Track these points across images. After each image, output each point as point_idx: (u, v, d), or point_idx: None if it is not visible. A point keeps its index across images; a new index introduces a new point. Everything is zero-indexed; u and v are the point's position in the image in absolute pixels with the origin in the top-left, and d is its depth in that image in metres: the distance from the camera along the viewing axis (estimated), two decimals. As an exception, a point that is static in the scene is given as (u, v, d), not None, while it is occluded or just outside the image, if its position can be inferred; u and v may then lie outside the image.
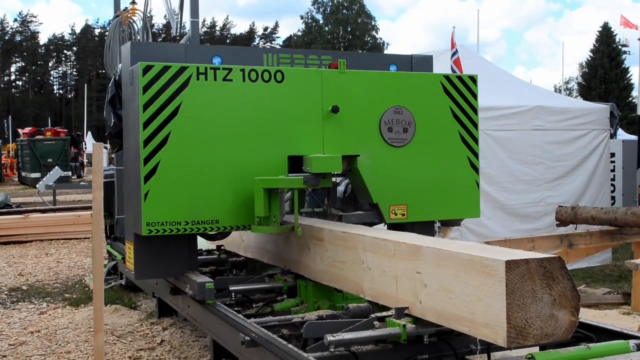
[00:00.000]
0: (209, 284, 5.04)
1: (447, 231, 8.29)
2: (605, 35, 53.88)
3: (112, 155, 12.39)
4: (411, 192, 5.51)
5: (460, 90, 5.68)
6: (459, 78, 5.70)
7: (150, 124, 4.87)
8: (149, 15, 8.27)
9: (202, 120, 4.99)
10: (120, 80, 5.65)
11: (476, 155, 5.75)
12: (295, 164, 5.22)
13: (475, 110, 5.75)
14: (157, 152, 4.88)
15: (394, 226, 5.45)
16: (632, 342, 3.69)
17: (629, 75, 54.00)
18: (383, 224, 5.60)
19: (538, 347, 3.70)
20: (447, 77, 5.67)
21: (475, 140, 5.75)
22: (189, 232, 5.02)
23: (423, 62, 6.27)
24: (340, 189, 5.99)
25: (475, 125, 5.76)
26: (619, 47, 52.54)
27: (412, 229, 5.23)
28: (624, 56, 53.23)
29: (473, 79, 5.74)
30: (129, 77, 5.22)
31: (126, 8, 8.34)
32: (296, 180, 4.89)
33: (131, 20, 8.22)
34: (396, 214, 5.46)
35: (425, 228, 5.63)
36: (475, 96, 5.75)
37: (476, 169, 5.74)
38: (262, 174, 5.01)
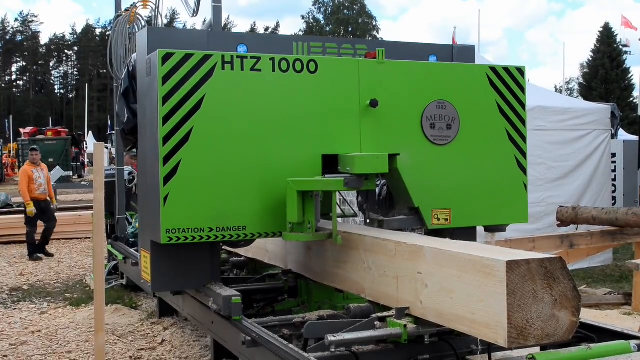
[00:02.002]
0: (235, 298, 4.59)
1: (493, 236, 7.89)
2: (606, 36, 53.84)
3: (113, 155, 12.40)
4: (455, 194, 5.05)
5: (507, 83, 5.25)
6: (506, 69, 5.25)
7: (171, 119, 4.41)
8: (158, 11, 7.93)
9: (228, 115, 4.54)
10: (135, 71, 5.14)
11: (524, 154, 5.33)
12: (328, 164, 4.79)
13: (523, 105, 5.32)
14: (178, 151, 4.42)
15: (433, 232, 4.98)
16: (633, 343, 3.69)
17: (630, 75, 53.99)
18: (423, 230, 5.13)
19: (539, 348, 3.70)
20: (493, 68, 5.24)
21: (524, 139, 5.33)
22: (212, 240, 4.55)
23: (465, 53, 5.79)
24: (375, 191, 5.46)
25: (524, 122, 5.33)
26: (620, 47, 52.53)
27: (451, 235, 4.88)
28: (625, 56, 53.22)
29: (521, 70, 5.31)
30: (146, 66, 4.73)
31: (134, 4, 8.06)
32: (336, 182, 4.44)
33: (138, 16, 8.02)
34: (439, 219, 5.00)
35: (466, 234, 5.21)
36: (523, 90, 5.32)
37: (524, 170, 5.32)
38: (293, 174, 4.58)
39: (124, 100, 5.29)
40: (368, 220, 5.20)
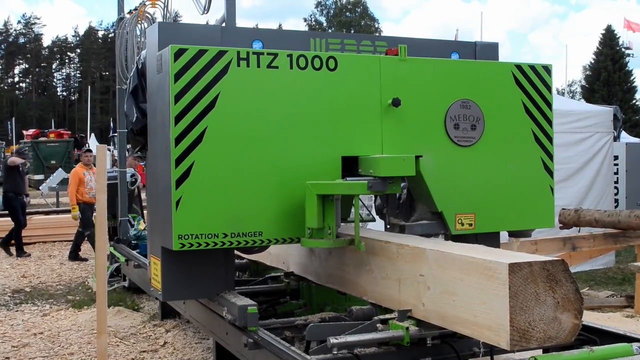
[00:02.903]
0: (251, 308, 4.36)
1: (516, 243, 7.62)
2: (609, 38, 53.83)
3: (116, 157, 12.41)
4: (479, 198, 4.85)
5: (533, 82, 5.04)
6: (532, 67, 5.05)
7: (183, 119, 4.21)
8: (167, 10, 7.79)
9: (243, 114, 4.33)
10: (144, 69, 4.91)
11: (551, 156, 5.11)
12: (346, 166, 4.58)
13: (549, 105, 5.10)
14: (191, 152, 4.21)
15: (457, 238, 4.75)
16: (635, 345, 3.69)
17: (632, 77, 53.97)
18: (445, 235, 4.90)
19: (541, 350, 3.70)
20: (518, 66, 5.03)
21: (550, 140, 5.11)
22: (227, 246, 4.33)
23: (488, 50, 5.58)
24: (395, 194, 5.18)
25: (550, 123, 5.11)
26: (622, 49, 52.55)
27: (475, 240, 4.77)
28: (627, 59, 53.24)
29: (547, 69, 5.11)
30: (157, 63, 4.51)
31: (143, 2, 7.96)
32: (359, 186, 4.22)
33: (147, 15, 7.95)
34: (463, 224, 4.79)
35: (490, 240, 4.99)
36: (549, 89, 5.10)
37: (551, 173, 5.11)
38: (311, 177, 4.38)
39: (133, 99, 5.05)
40: (388, 226, 4.99)
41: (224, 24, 5.07)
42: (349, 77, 4.58)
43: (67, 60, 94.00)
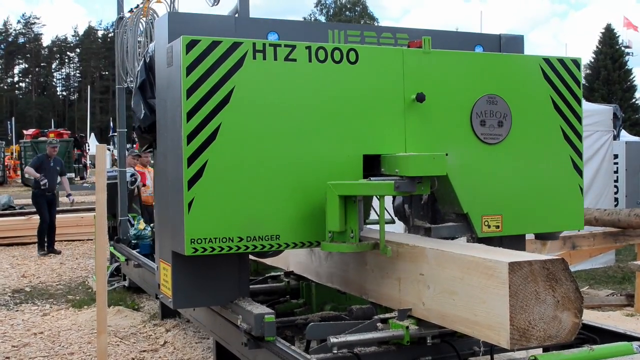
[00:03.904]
0: (268, 316, 4.10)
1: (544, 246, 7.39)
2: (608, 37, 53.80)
3: (115, 157, 12.41)
4: (506, 199, 4.62)
5: (562, 76, 4.81)
6: (561, 61, 4.82)
7: (196, 115, 3.95)
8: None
9: (260, 110, 4.08)
10: (152, 62, 4.66)
11: (580, 155, 4.88)
12: (367, 165, 4.36)
13: (579, 101, 4.88)
14: (204, 150, 3.96)
15: (483, 240, 4.54)
16: (635, 344, 3.69)
17: (632, 76, 53.94)
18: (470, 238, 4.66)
19: (541, 349, 3.70)
20: (547, 59, 4.79)
21: (580, 137, 4.87)
22: (242, 250, 4.09)
23: (513, 43, 5.32)
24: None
25: (580, 119, 4.88)
26: (622, 48, 52.53)
27: (499, 243, 4.57)
28: (627, 58, 53.21)
29: (576, 62, 4.88)
30: (167, 56, 4.26)
31: None
32: (385, 186, 3.96)
33: (152, 11, 7.89)
34: (489, 226, 4.56)
35: (516, 242, 4.83)
36: (578, 84, 4.89)
37: (580, 172, 4.88)
38: (332, 177, 4.15)
39: (140, 95, 4.79)
40: (412, 228, 4.73)
41: (236, 15, 4.78)
42: (370, 70, 4.34)
43: (66, 60, 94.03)
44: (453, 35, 5.21)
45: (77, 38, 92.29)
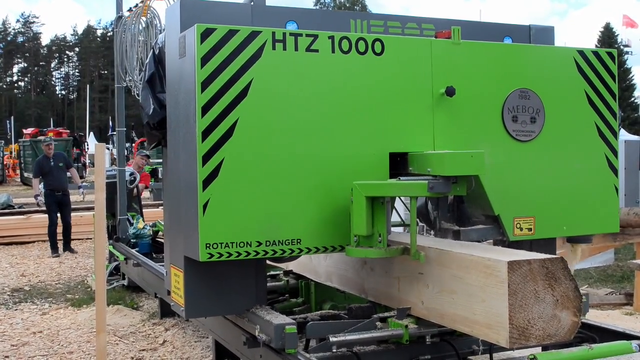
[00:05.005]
0: (289, 327, 3.80)
1: (577, 249, 7.05)
2: (607, 36, 53.88)
3: (115, 156, 12.39)
4: (539, 200, 4.37)
5: (597, 70, 4.57)
6: (596, 54, 4.58)
7: (211, 109, 3.68)
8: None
9: (279, 104, 3.82)
10: (162, 54, 4.40)
11: (615, 153, 4.63)
12: (392, 164, 4.10)
13: (614, 96, 4.64)
14: (221, 147, 3.69)
15: (513, 244, 4.27)
16: (634, 343, 3.68)
17: (631, 75, 54.08)
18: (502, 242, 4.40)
19: (540, 348, 3.70)
20: (581, 52, 4.55)
21: (615, 135, 4.62)
22: (261, 256, 3.82)
23: (543, 34, 5.04)
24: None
25: (615, 115, 4.64)
26: (621, 47, 52.54)
27: (529, 247, 4.34)
28: (626, 56, 53.23)
29: (612, 55, 4.64)
30: (179, 46, 3.96)
31: None
32: (417, 186, 3.65)
33: (152, 9, 7.83)
34: (521, 229, 4.32)
35: (546, 246, 4.57)
36: (614, 77, 4.64)
37: (615, 171, 4.63)
38: (356, 177, 3.88)
39: (149, 89, 4.51)
40: (439, 231, 4.44)
41: (252, 3, 4.47)
42: (397, 62, 4.08)
43: (65, 59, 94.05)
44: (480, 25, 4.92)
45: (76, 37, 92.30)
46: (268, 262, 5.89)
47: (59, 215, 12.58)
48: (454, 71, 4.20)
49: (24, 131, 38.83)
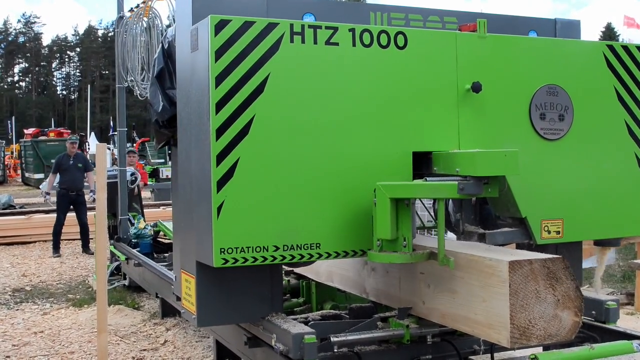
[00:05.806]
0: (308, 337, 3.58)
1: (604, 253, 6.81)
2: (609, 36, 53.84)
3: (116, 157, 12.41)
4: (568, 201, 4.18)
5: (628, 66, 4.38)
6: (626, 49, 4.39)
7: (226, 106, 3.48)
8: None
9: (298, 100, 3.63)
10: (172, 49, 4.23)
11: None
12: (414, 164, 3.90)
13: None
14: (236, 146, 3.49)
15: (540, 247, 4.11)
16: (635, 343, 3.68)
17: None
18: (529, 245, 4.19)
19: (541, 348, 3.70)
20: (610, 46, 4.37)
21: None
22: (278, 261, 3.61)
23: (569, 29, 4.88)
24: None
25: None
26: (622, 47, 52.58)
27: (554, 251, 4.22)
28: (627, 56, 53.30)
29: None
30: (191, 39, 3.77)
31: None
32: (447, 188, 3.40)
33: (154, 10, 7.82)
34: (549, 232, 4.12)
35: (573, 249, 4.46)
36: None
37: None
38: (378, 177, 3.68)
39: (158, 85, 4.32)
40: (463, 234, 4.25)
41: None
42: (420, 56, 3.89)
43: (66, 59, 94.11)
44: (504, 19, 4.75)
45: (77, 37, 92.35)
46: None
47: (71, 215, 12.54)
48: (480, 66, 4.02)
49: (25, 131, 38.82)
